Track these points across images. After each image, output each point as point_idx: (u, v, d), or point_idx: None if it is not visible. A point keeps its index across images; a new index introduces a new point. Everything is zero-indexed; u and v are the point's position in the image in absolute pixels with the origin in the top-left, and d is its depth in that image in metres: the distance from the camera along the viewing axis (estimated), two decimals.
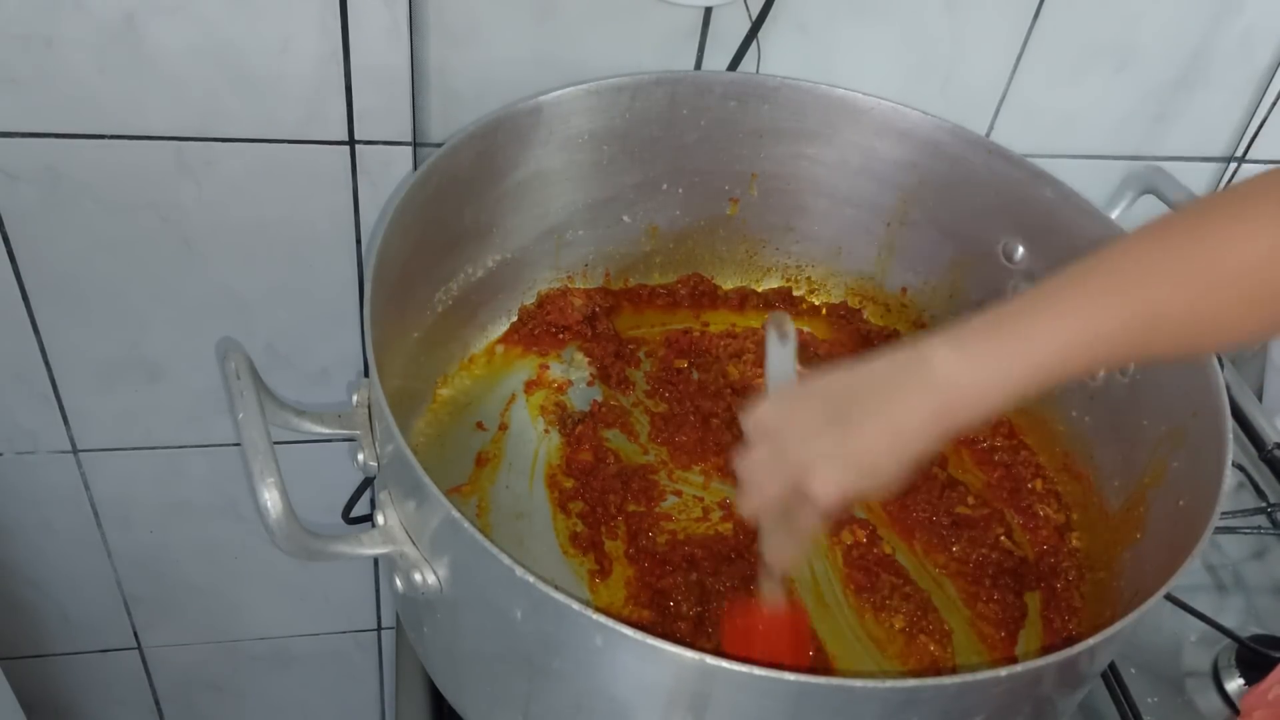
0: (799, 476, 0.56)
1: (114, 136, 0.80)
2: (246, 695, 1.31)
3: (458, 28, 0.82)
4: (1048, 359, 0.54)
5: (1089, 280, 0.55)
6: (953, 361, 0.55)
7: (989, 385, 0.55)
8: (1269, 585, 0.92)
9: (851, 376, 0.57)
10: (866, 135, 0.87)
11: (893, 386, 0.56)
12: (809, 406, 0.58)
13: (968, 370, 0.55)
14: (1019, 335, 0.55)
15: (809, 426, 0.57)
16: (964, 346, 0.55)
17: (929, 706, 0.54)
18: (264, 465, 0.57)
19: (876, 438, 0.56)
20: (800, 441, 0.57)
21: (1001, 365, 0.54)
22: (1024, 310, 0.55)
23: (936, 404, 0.55)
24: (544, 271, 0.91)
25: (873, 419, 0.56)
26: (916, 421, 0.55)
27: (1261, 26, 0.97)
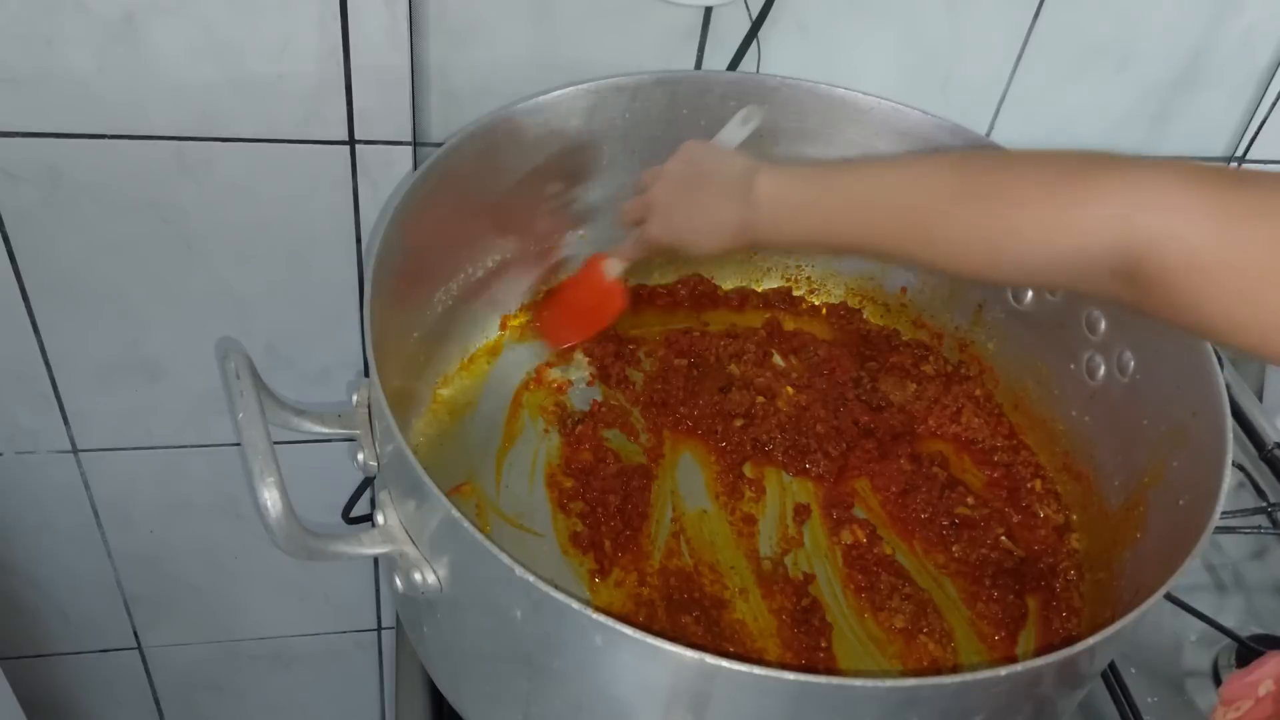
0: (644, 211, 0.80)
1: (114, 136, 0.80)
2: (246, 695, 1.31)
3: (458, 28, 0.82)
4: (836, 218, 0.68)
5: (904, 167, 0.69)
6: (768, 186, 0.71)
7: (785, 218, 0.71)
8: (1269, 585, 0.92)
9: (713, 164, 0.76)
10: (866, 135, 0.87)
11: (723, 183, 0.74)
12: (682, 171, 0.78)
13: (775, 197, 0.71)
14: (825, 188, 0.69)
15: (670, 183, 0.78)
16: (784, 177, 0.71)
17: (929, 706, 0.54)
18: (264, 465, 0.57)
19: (695, 218, 0.76)
20: (657, 189, 0.79)
21: (801, 204, 0.70)
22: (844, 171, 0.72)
23: (744, 213, 0.72)
24: (544, 271, 0.91)
25: (700, 201, 0.76)
26: (724, 219, 0.74)
27: (1261, 26, 0.97)
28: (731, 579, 0.77)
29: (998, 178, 0.61)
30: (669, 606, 0.74)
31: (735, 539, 0.80)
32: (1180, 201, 0.52)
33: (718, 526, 0.81)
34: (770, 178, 0.71)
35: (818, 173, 0.71)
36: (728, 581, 0.77)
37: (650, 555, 0.78)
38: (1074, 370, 0.84)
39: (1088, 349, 0.82)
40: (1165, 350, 0.75)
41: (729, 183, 0.73)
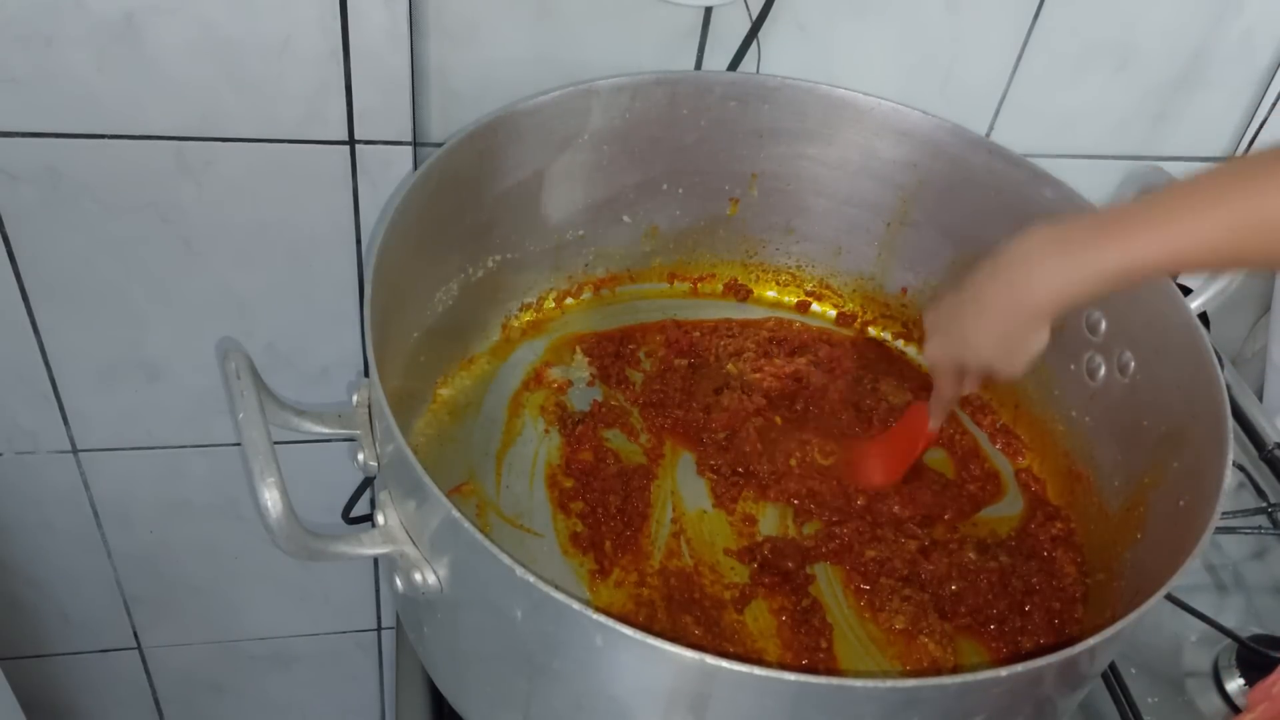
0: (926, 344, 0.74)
1: (114, 136, 0.80)
2: (246, 695, 1.31)
3: (458, 28, 0.82)
4: (1134, 262, 0.60)
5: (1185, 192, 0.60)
6: (1043, 252, 0.63)
7: (1069, 279, 0.62)
8: (1269, 585, 0.92)
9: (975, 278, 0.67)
10: (866, 135, 0.87)
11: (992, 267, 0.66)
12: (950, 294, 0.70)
13: (1051, 260, 0.62)
14: (1112, 237, 0.61)
15: (942, 310, 0.72)
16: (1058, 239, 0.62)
17: (929, 706, 0.54)
18: (264, 465, 0.57)
19: (967, 311, 0.68)
20: (936, 307, 0.73)
21: (1087, 262, 0.61)
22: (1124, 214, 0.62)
23: (1018, 295, 0.64)
24: (544, 271, 0.91)
25: (970, 301, 0.67)
26: (1000, 308, 0.65)
27: (1261, 26, 0.97)
28: (731, 579, 0.77)
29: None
30: (669, 606, 0.74)
31: (735, 539, 0.80)
32: None
33: (718, 526, 0.81)
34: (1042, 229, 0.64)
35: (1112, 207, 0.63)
36: (728, 581, 0.77)
37: (650, 555, 0.78)
38: (1074, 371, 0.84)
39: (1088, 349, 0.82)
40: (1165, 351, 0.75)
41: (991, 263, 0.66)
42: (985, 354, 0.68)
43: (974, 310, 0.67)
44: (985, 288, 0.66)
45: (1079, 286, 0.62)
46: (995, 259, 0.66)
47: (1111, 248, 0.61)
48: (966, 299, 0.68)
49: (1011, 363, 0.68)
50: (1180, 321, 0.74)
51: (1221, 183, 0.60)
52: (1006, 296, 0.65)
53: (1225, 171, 0.61)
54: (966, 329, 0.68)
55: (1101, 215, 0.63)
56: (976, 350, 0.69)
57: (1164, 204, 0.61)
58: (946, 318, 0.71)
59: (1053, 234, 0.63)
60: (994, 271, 0.65)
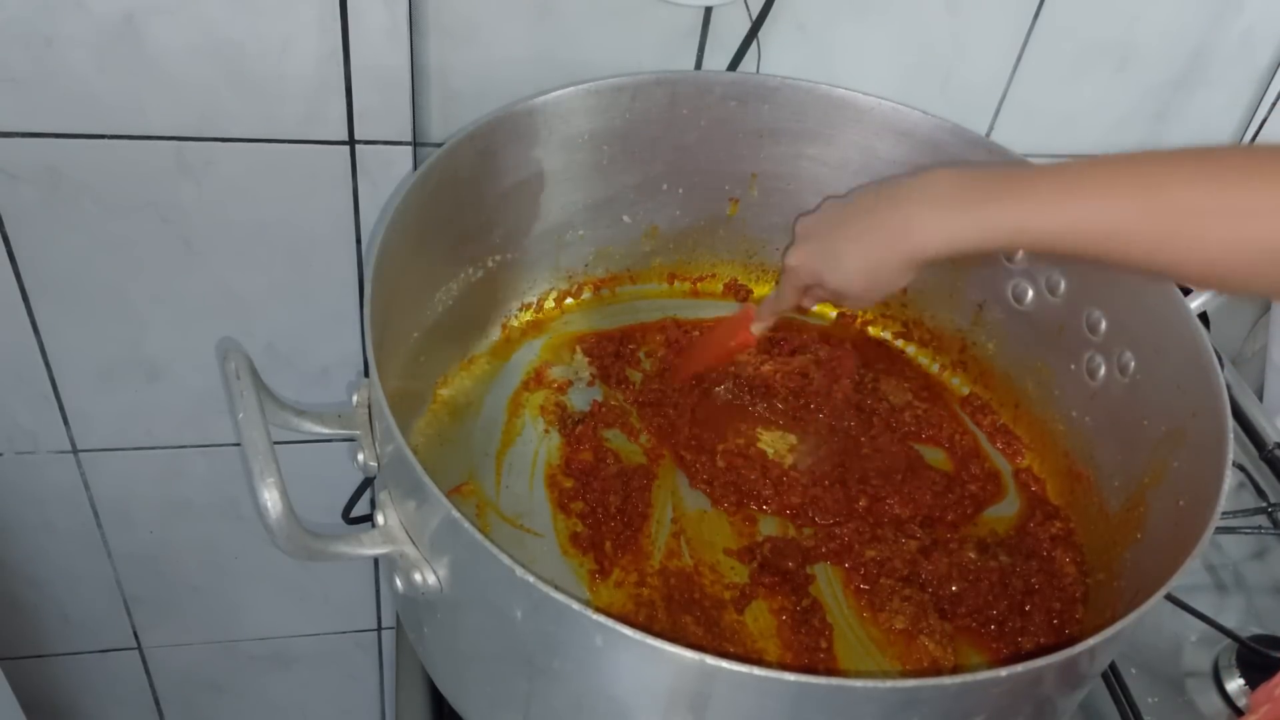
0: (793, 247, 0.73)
1: (114, 136, 0.80)
2: (246, 695, 1.31)
3: (458, 28, 0.82)
4: (1017, 230, 0.60)
5: (1090, 172, 0.59)
6: (927, 202, 0.62)
7: (945, 232, 0.62)
8: (1269, 585, 0.92)
9: (864, 198, 0.67)
10: (866, 135, 0.87)
11: (875, 203, 0.66)
12: (841, 201, 0.71)
13: (932, 214, 0.62)
14: (999, 201, 0.60)
15: (824, 212, 0.72)
16: (946, 194, 0.62)
17: (929, 706, 0.54)
18: (264, 465, 0.57)
19: (840, 235, 0.68)
20: (806, 221, 0.73)
21: (968, 221, 0.61)
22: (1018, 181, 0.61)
23: (895, 233, 0.64)
24: (544, 271, 0.91)
25: (856, 220, 0.67)
26: (873, 242, 0.66)
27: (1261, 26, 0.97)
28: (731, 579, 0.77)
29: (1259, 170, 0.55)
30: (669, 607, 0.74)
31: (735, 539, 0.80)
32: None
33: (718, 526, 0.81)
34: (949, 172, 0.63)
35: (1014, 167, 0.63)
36: (728, 581, 0.77)
37: (650, 555, 0.78)
38: (1074, 371, 0.84)
39: (1088, 349, 0.82)
40: (1166, 351, 0.75)
41: (892, 192, 0.65)
42: (849, 278, 0.68)
43: (853, 233, 0.66)
44: (872, 216, 0.65)
45: (964, 239, 0.62)
46: (891, 189, 0.65)
47: (1009, 208, 0.60)
48: (848, 219, 0.67)
49: (869, 294, 0.68)
50: (1180, 321, 0.74)
51: (1139, 168, 0.59)
52: (891, 230, 0.64)
53: (1144, 158, 0.59)
54: (840, 249, 0.68)
55: (1006, 172, 0.62)
56: (842, 273, 0.68)
57: (1073, 175, 0.60)
58: (823, 229, 0.70)
59: (954, 180, 0.62)
60: (885, 202, 0.65)
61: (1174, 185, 0.56)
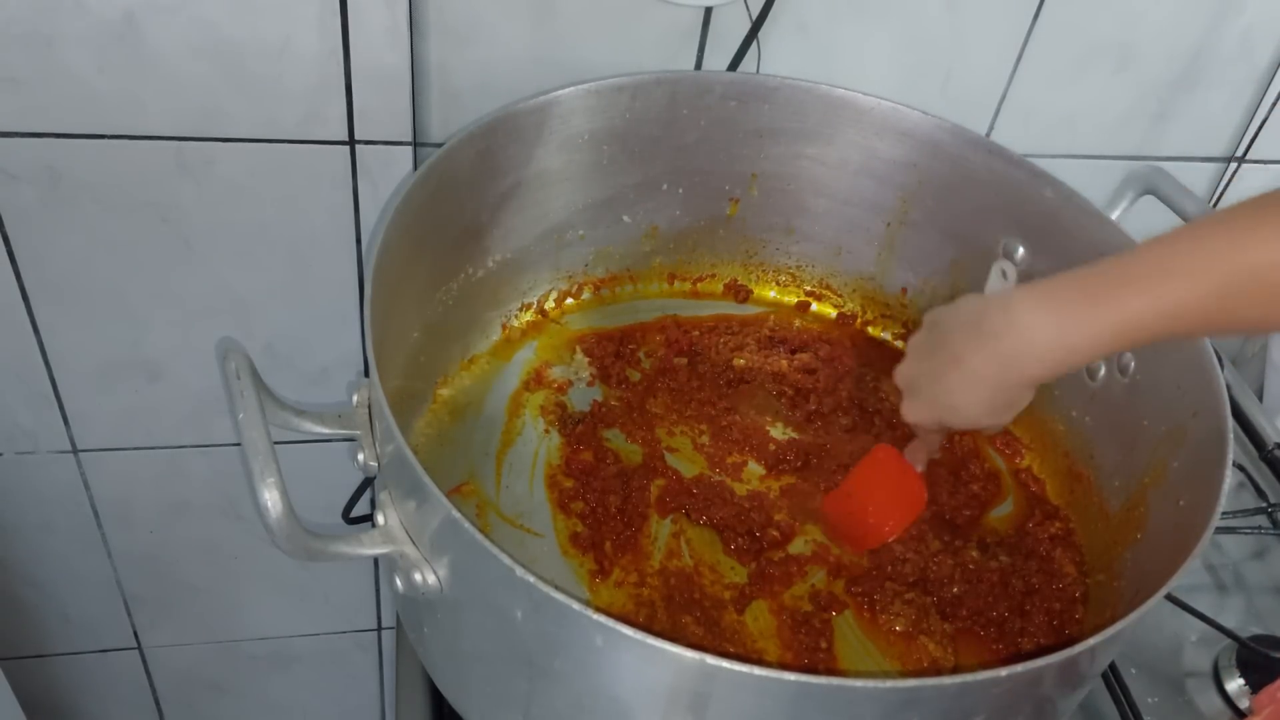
0: (901, 398, 0.70)
1: (114, 136, 0.80)
2: (246, 695, 1.31)
3: (458, 28, 0.82)
4: (1127, 326, 0.57)
5: (1177, 248, 0.57)
6: (1034, 320, 0.59)
7: (1064, 346, 0.59)
8: (1269, 585, 0.92)
9: (955, 313, 0.65)
10: (866, 135, 0.87)
11: (975, 333, 0.62)
12: (924, 336, 0.68)
13: (1045, 329, 0.59)
14: (1103, 301, 0.58)
15: (917, 350, 0.68)
16: (1048, 306, 0.59)
17: (929, 706, 0.54)
18: (264, 465, 0.57)
19: (953, 380, 0.64)
20: (906, 362, 0.69)
21: (1081, 328, 0.58)
22: (1111, 274, 0.58)
23: (1010, 357, 0.61)
24: (544, 271, 0.91)
25: (953, 362, 0.64)
26: (988, 373, 0.62)
27: (1261, 26, 0.97)
28: (731, 579, 0.77)
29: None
30: (669, 607, 0.74)
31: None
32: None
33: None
34: (1035, 295, 0.60)
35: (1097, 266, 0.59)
36: (728, 581, 0.77)
37: (650, 556, 0.78)
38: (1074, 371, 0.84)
39: None
40: (1165, 351, 0.75)
41: (974, 321, 0.63)
42: (973, 419, 0.65)
43: (960, 379, 0.63)
44: (971, 357, 0.62)
45: (1073, 354, 0.59)
46: (977, 323, 0.62)
47: (1104, 311, 0.58)
48: (948, 365, 0.64)
49: (999, 422, 0.66)
50: None
51: (1210, 237, 0.56)
52: (998, 366, 0.61)
53: (1213, 224, 0.57)
54: (953, 397, 0.65)
55: (1089, 275, 0.59)
56: (964, 416, 0.65)
57: (1153, 259, 0.57)
58: (926, 381, 0.67)
59: (1041, 298, 0.60)
60: (979, 339, 0.62)
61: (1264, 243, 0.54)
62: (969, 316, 0.63)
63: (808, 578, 0.78)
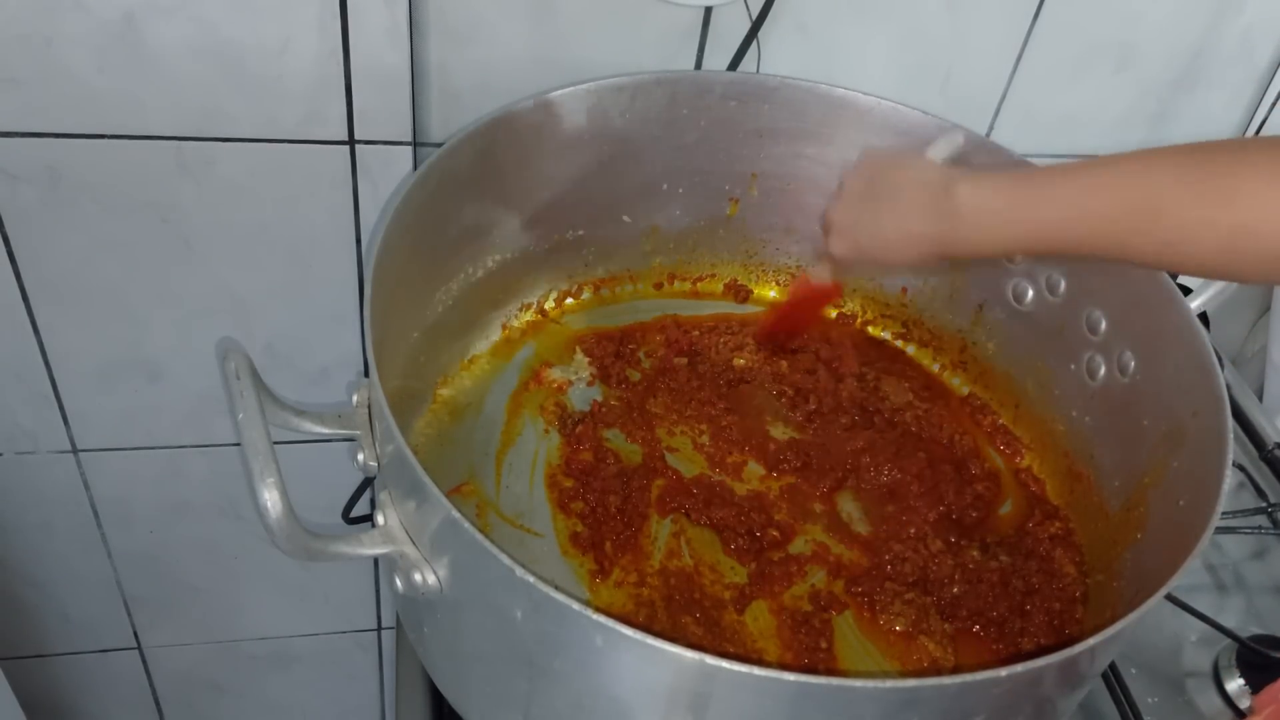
0: (827, 230, 0.76)
1: (114, 136, 0.80)
2: (246, 695, 1.31)
3: (458, 28, 0.82)
4: (1050, 222, 0.64)
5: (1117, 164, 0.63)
6: (970, 195, 0.66)
7: (990, 225, 0.66)
8: (1269, 585, 0.92)
9: (896, 171, 0.71)
10: (866, 135, 0.87)
11: (916, 193, 0.69)
12: (865, 184, 0.73)
13: (978, 206, 0.66)
14: (1035, 192, 0.65)
15: (852, 197, 0.74)
16: (985, 186, 0.66)
17: (929, 706, 0.54)
18: (264, 465, 0.57)
19: (884, 228, 0.71)
20: (837, 207, 0.75)
21: (1009, 212, 0.65)
22: (1049, 174, 0.65)
23: (942, 224, 0.67)
24: (544, 271, 0.91)
25: (889, 213, 0.70)
26: (920, 230, 0.68)
27: (1261, 26, 0.97)
28: (731, 579, 0.77)
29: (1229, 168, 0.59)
30: (669, 607, 0.74)
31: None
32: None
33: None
34: (973, 186, 0.67)
35: (1025, 177, 0.67)
36: (728, 581, 0.77)
37: (650, 555, 0.78)
38: (1074, 371, 0.84)
39: (1088, 349, 0.82)
40: (1165, 350, 0.75)
41: (922, 192, 0.69)
42: (893, 266, 0.75)
43: (893, 231, 0.70)
44: (909, 216, 0.69)
45: (1003, 244, 0.67)
46: (920, 185, 0.68)
47: (1046, 209, 0.64)
48: (884, 213, 0.70)
49: (905, 270, 0.76)
50: (1180, 321, 0.74)
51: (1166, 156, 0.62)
52: (931, 235, 0.68)
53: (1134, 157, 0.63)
54: (882, 244, 0.72)
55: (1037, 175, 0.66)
56: (886, 266, 0.75)
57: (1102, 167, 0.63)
58: (858, 222, 0.73)
59: (990, 188, 0.66)
60: (920, 202, 0.68)
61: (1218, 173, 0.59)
62: (914, 176, 0.70)
63: (808, 578, 0.78)
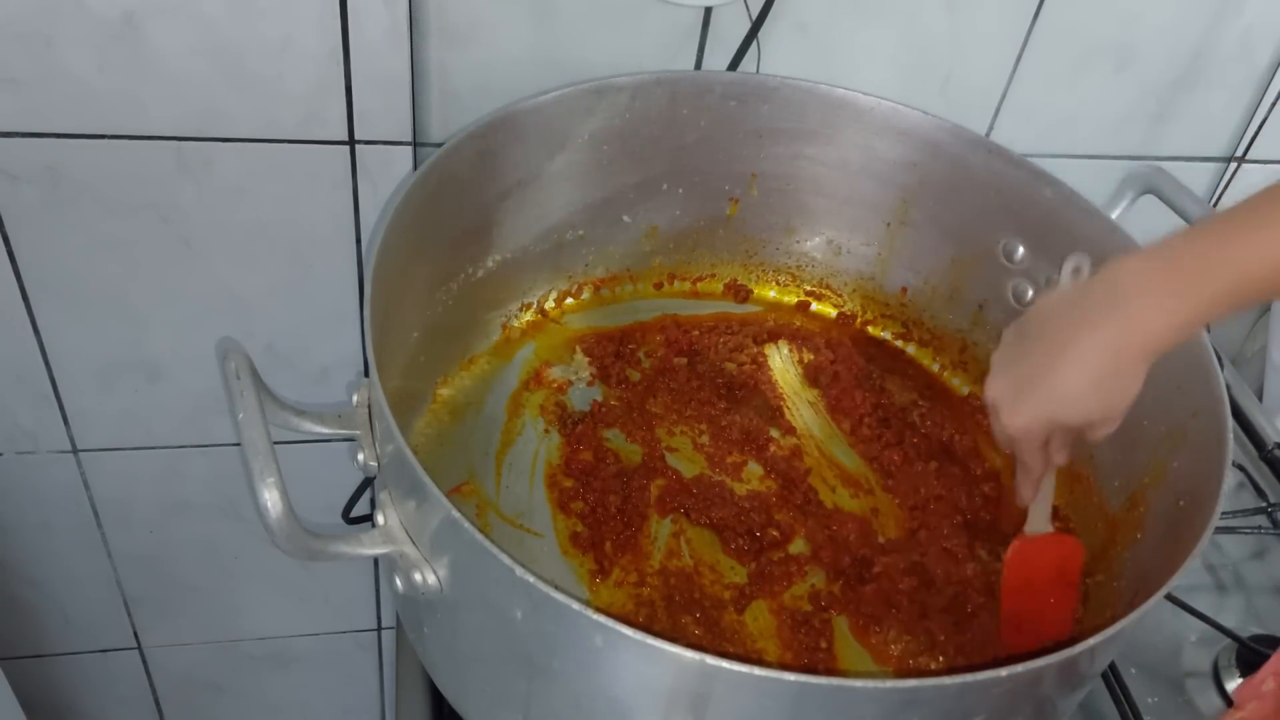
0: (994, 412, 0.63)
1: (114, 136, 0.80)
2: (246, 695, 1.31)
3: (458, 28, 0.82)
4: (1241, 282, 0.55)
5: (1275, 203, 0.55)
6: (1145, 289, 0.56)
7: (1181, 311, 0.56)
8: (1269, 585, 0.92)
9: (1046, 311, 0.61)
10: (866, 135, 0.87)
11: (1081, 316, 0.58)
12: (1011, 346, 0.63)
13: (1158, 298, 0.56)
14: (1214, 260, 0.55)
15: (1005, 360, 0.63)
16: (1158, 274, 0.56)
17: (929, 706, 0.54)
18: (264, 465, 0.57)
19: (1061, 369, 0.59)
20: (994, 377, 0.63)
21: (1195, 291, 0.55)
22: (1213, 234, 0.56)
23: (1123, 333, 0.57)
24: (544, 271, 0.91)
25: (1059, 350, 0.59)
26: (1103, 351, 0.57)
27: (1261, 26, 0.97)
28: (731, 579, 0.77)
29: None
30: (669, 607, 0.74)
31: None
32: None
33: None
34: (1140, 262, 0.57)
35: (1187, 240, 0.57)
36: (728, 581, 0.77)
37: (650, 555, 0.78)
38: None
39: None
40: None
41: (1078, 304, 0.59)
42: (1085, 408, 0.59)
43: (1066, 360, 0.58)
44: (1078, 333, 0.58)
45: (1192, 316, 0.56)
46: (1081, 306, 0.58)
47: (1216, 270, 0.55)
48: (1053, 357, 0.59)
49: (1113, 413, 0.60)
50: None
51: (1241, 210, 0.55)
52: (1110, 339, 0.57)
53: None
54: (1065, 387, 0.59)
55: (1193, 236, 0.57)
56: (1074, 405, 0.59)
57: (1251, 216, 0.55)
58: (1026, 383, 0.61)
59: (1151, 261, 0.57)
60: (1087, 320, 0.58)
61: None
62: (1067, 306, 0.59)
63: (807, 578, 0.78)
